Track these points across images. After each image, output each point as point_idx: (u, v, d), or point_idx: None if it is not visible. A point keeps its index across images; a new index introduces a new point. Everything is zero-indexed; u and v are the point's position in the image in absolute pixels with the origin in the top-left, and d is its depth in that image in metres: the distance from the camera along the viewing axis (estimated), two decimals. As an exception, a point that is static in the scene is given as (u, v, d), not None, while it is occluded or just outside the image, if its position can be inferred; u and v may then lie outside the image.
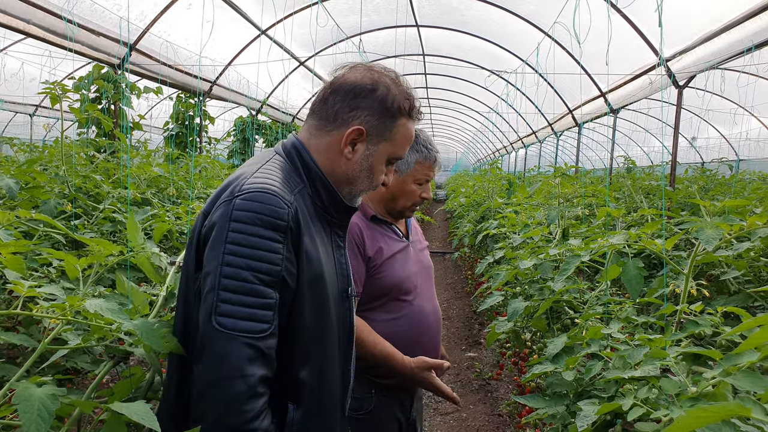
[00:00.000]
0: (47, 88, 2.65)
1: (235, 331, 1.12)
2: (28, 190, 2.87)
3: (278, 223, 1.18)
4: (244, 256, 1.15)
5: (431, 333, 2.18)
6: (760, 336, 1.03)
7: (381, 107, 1.35)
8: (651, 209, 2.39)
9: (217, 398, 1.11)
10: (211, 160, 6.66)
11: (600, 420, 1.43)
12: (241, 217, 1.17)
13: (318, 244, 1.31)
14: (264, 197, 1.19)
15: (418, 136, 2.11)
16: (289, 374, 1.26)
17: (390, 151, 1.40)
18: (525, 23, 8.16)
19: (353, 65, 1.42)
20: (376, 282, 2.06)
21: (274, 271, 1.17)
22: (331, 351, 1.33)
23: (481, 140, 24.68)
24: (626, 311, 1.90)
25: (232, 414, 1.11)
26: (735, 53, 4.91)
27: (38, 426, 0.99)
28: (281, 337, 1.21)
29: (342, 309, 1.39)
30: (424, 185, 2.14)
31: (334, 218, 1.40)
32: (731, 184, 6.11)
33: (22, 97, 11.42)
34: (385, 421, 2.13)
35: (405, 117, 1.39)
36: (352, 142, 1.35)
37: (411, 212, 2.21)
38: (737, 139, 12.03)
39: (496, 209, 5.52)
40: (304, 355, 1.27)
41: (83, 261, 1.39)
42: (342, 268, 1.42)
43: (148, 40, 6.59)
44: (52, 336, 1.20)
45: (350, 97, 1.34)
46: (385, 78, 1.38)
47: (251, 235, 1.16)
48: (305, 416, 1.28)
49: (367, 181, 1.41)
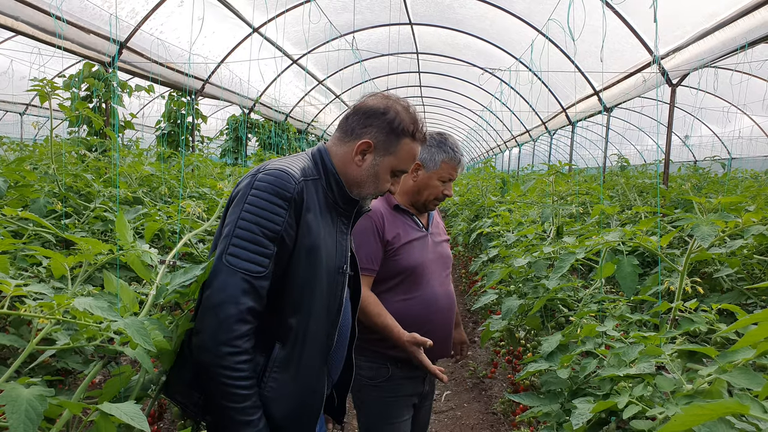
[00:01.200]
0: (36, 85, 2.61)
1: (237, 267, 1.45)
2: (17, 188, 2.84)
3: (285, 194, 1.52)
4: (256, 214, 1.49)
5: (442, 314, 2.40)
6: (756, 333, 1.02)
7: (389, 127, 1.67)
8: (645, 207, 2.39)
9: (214, 317, 1.43)
10: (203, 159, 6.62)
11: (595, 418, 1.43)
12: (259, 186, 1.52)
13: (322, 224, 1.62)
14: (279, 174, 1.54)
15: (447, 139, 2.42)
16: (281, 318, 1.57)
17: (393, 164, 1.71)
18: (518, 21, 8.16)
19: (374, 94, 1.77)
20: (393, 263, 2.32)
21: (276, 230, 1.50)
22: (318, 310, 1.61)
23: (475, 139, 24.71)
24: (621, 309, 1.89)
25: (223, 330, 1.42)
26: (728, 51, 4.92)
27: (26, 427, 0.97)
28: (277, 285, 1.54)
29: (335, 281, 1.66)
30: (447, 183, 2.42)
31: (341, 207, 1.70)
32: (724, 182, 6.13)
33: (11, 96, 11.34)
34: (402, 390, 2.36)
35: (409, 137, 1.70)
36: (362, 152, 1.68)
37: (433, 206, 2.46)
38: (730, 137, 12.09)
39: (489, 208, 5.52)
40: (294, 305, 1.57)
41: (71, 259, 1.37)
42: (342, 248, 1.70)
43: (139, 37, 6.54)
44: (40, 336, 1.17)
45: (365, 117, 1.69)
46: (397, 105, 1.71)
47: (264, 200, 1.50)
48: (288, 356, 1.57)
49: (373, 186, 1.71)
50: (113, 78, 6.03)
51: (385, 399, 2.34)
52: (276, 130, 11.42)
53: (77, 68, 6.56)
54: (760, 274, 2.33)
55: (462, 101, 16.54)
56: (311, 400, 1.64)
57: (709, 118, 11.44)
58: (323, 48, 9.75)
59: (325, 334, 1.65)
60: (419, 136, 1.73)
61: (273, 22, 8.22)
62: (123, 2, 6.14)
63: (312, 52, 9.87)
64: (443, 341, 2.41)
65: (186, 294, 1.53)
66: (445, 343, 2.44)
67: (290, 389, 1.57)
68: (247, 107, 10.27)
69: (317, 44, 9.68)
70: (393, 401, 2.35)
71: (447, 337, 2.45)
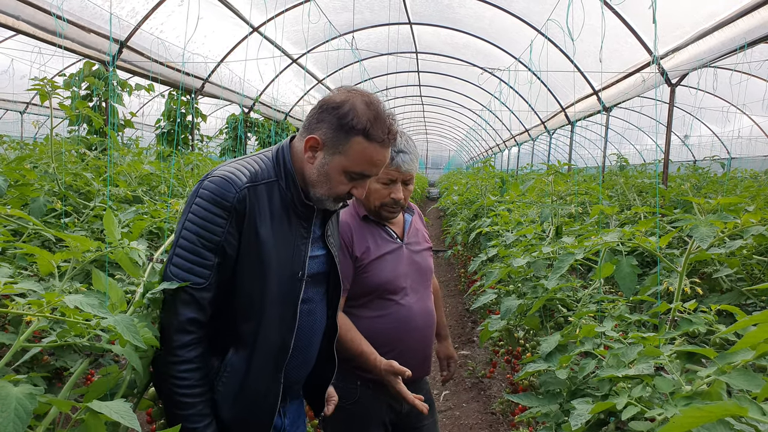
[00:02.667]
0: (36, 84, 2.61)
1: (178, 278, 1.46)
2: (17, 187, 2.84)
3: (225, 204, 1.49)
4: (197, 224, 1.48)
5: (418, 333, 2.23)
6: (755, 335, 1.02)
7: (338, 123, 1.54)
8: (644, 207, 2.39)
9: (160, 326, 1.47)
10: (202, 158, 6.61)
11: (594, 419, 1.43)
12: (202, 194, 1.50)
13: (274, 230, 1.57)
14: (220, 182, 1.50)
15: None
16: (232, 324, 1.57)
17: (344, 165, 1.56)
18: (518, 21, 8.16)
19: (342, 87, 1.64)
20: (363, 280, 2.14)
21: (215, 240, 1.49)
22: (269, 317, 1.57)
23: (474, 138, 24.70)
24: (620, 309, 1.89)
25: (165, 339, 1.45)
26: (728, 51, 4.92)
27: (15, 425, 0.97)
28: (225, 292, 1.53)
29: (290, 288, 1.61)
30: (392, 186, 2.13)
31: (300, 210, 1.63)
32: (723, 182, 6.13)
33: (12, 95, 11.33)
34: (372, 413, 2.19)
35: (361, 136, 1.53)
36: (311, 149, 1.58)
37: (388, 212, 2.20)
38: (729, 137, 12.10)
39: (489, 207, 5.52)
40: (243, 313, 1.56)
41: (58, 256, 1.38)
42: (299, 254, 1.63)
43: (139, 36, 6.53)
44: (27, 333, 1.18)
45: (321, 111, 1.58)
46: (356, 99, 1.56)
47: (204, 209, 1.49)
48: (239, 361, 1.57)
49: (326, 187, 1.60)
50: (113, 77, 6.02)
51: (353, 421, 2.19)
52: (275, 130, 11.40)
53: (77, 67, 6.55)
54: (760, 275, 2.34)
55: (461, 101, 16.54)
56: (262, 404, 1.62)
57: (709, 117, 11.44)
58: (323, 47, 9.75)
59: (279, 341, 1.61)
60: (376, 136, 1.54)
61: (272, 21, 8.21)
62: (123, 1, 6.14)
63: (311, 52, 9.86)
64: (420, 362, 2.24)
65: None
66: (422, 364, 2.26)
67: (239, 393, 1.58)
68: (247, 106, 10.26)
69: (317, 44, 9.67)
70: (361, 423, 2.19)
71: (424, 358, 2.27)
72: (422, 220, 2.54)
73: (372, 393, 2.16)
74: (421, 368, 2.28)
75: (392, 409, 2.23)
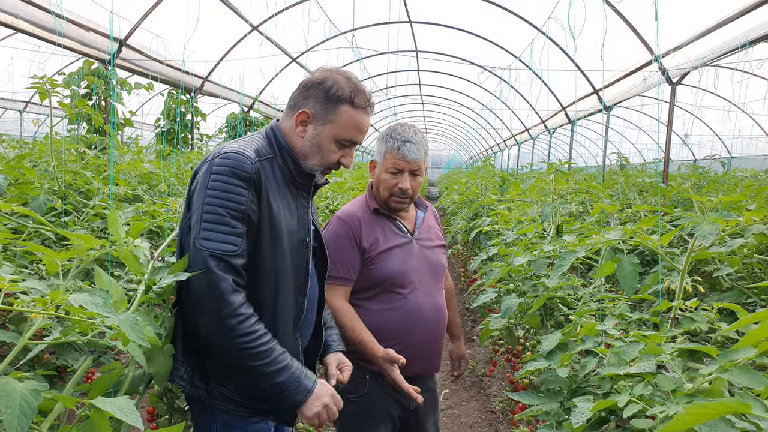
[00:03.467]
0: (36, 82, 2.61)
1: (213, 249, 1.51)
2: (17, 186, 2.83)
3: (244, 175, 1.57)
4: (219, 197, 1.54)
5: (426, 328, 2.23)
6: (757, 332, 1.02)
7: (325, 95, 1.69)
8: (645, 205, 2.39)
9: (211, 298, 1.49)
10: (202, 157, 6.60)
11: (595, 417, 1.42)
12: (218, 170, 1.57)
13: (281, 202, 1.67)
14: (235, 156, 1.59)
15: (396, 128, 2.25)
16: (255, 292, 1.63)
17: (335, 133, 1.71)
18: (518, 19, 8.15)
19: (319, 68, 1.78)
20: (371, 272, 2.18)
21: (241, 209, 1.56)
22: (285, 280, 1.68)
23: (474, 137, 24.69)
24: (621, 308, 1.89)
25: (224, 305, 1.49)
26: (729, 50, 4.92)
27: (20, 421, 0.97)
28: (249, 261, 1.60)
29: (300, 254, 1.73)
30: (398, 175, 2.21)
31: (299, 182, 1.75)
32: (724, 181, 6.12)
33: (11, 93, 11.32)
34: (379, 407, 2.21)
35: (348, 104, 1.70)
36: (302, 123, 1.71)
37: (396, 203, 2.26)
38: (730, 136, 12.09)
39: (489, 206, 5.51)
40: (264, 279, 1.64)
41: (62, 255, 1.37)
42: (304, 222, 1.75)
43: (139, 35, 6.53)
44: (32, 331, 1.18)
45: (305, 89, 1.73)
46: (336, 75, 1.72)
47: (224, 182, 1.55)
48: (266, 325, 1.61)
49: (318, 157, 1.73)
50: (113, 76, 6.01)
51: (361, 415, 2.21)
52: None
53: (77, 66, 6.54)
54: (761, 273, 2.33)
55: (462, 99, 16.53)
56: None
57: (709, 116, 11.44)
58: (323, 46, 9.73)
59: (295, 303, 1.73)
60: (360, 103, 1.72)
61: (272, 20, 8.20)
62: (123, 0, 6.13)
63: (311, 50, 9.85)
64: (427, 357, 2.26)
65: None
66: (429, 359, 2.27)
67: None
68: (247, 105, 10.25)
69: (317, 42, 9.66)
70: (369, 418, 2.21)
71: (432, 353, 2.28)
72: (437, 218, 2.57)
73: (380, 387, 2.18)
74: (428, 363, 2.29)
75: (400, 404, 2.24)
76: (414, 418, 2.31)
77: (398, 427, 2.31)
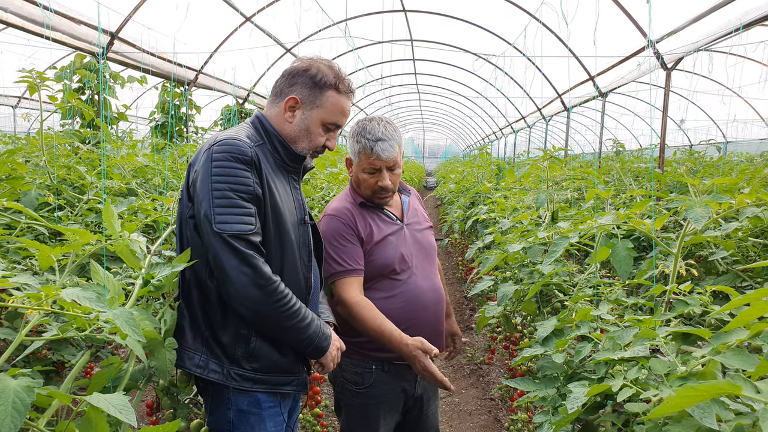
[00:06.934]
0: (24, 76, 2.58)
1: (231, 231, 1.56)
2: (8, 181, 2.81)
3: (245, 158, 1.63)
4: (226, 182, 1.59)
5: (428, 310, 2.26)
6: (748, 314, 1.01)
7: (311, 82, 1.78)
8: (640, 190, 2.38)
9: (242, 274, 1.56)
10: (197, 149, 6.57)
11: (590, 401, 1.42)
12: (218, 157, 1.61)
13: (278, 185, 1.75)
14: (232, 142, 1.64)
15: (365, 127, 2.20)
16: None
17: (323, 117, 1.81)
18: (512, 6, 8.11)
19: (301, 57, 1.87)
20: (369, 263, 2.20)
21: (249, 191, 1.62)
22: (290, 258, 1.76)
23: (471, 126, 24.63)
24: (616, 293, 1.89)
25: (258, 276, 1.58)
26: (723, 34, 4.90)
27: (13, 418, 0.96)
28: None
29: (300, 232, 1.82)
30: (377, 174, 2.22)
31: (290, 166, 1.84)
32: (719, 165, 6.12)
33: (2, 89, 11.23)
34: (387, 397, 2.22)
35: (333, 90, 1.80)
36: (290, 108, 1.80)
37: (380, 199, 2.28)
38: (725, 120, 12.08)
39: (485, 194, 5.50)
40: (272, 257, 1.70)
41: (57, 250, 1.35)
42: (299, 202, 1.85)
43: (131, 28, 6.47)
44: (28, 327, 1.17)
45: (290, 77, 1.81)
46: (319, 63, 1.82)
47: (228, 167, 1.60)
48: None
49: (307, 141, 1.82)
50: (105, 69, 5.97)
51: (367, 406, 2.21)
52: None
53: (69, 60, 6.49)
54: (755, 257, 2.33)
55: (457, 88, 16.48)
56: None
57: (705, 102, 11.42)
58: (316, 36, 9.68)
59: (303, 280, 1.81)
60: (343, 89, 1.83)
61: (265, 10, 8.15)
62: (113, -8, 6.08)
63: (305, 41, 9.79)
64: (433, 339, 2.22)
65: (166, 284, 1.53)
66: (434, 340, 2.24)
67: None
68: (241, 97, 10.20)
69: (310, 33, 9.60)
70: (375, 408, 2.22)
71: (437, 334, 2.29)
72: (420, 200, 2.58)
73: (387, 376, 2.20)
74: (434, 345, 2.25)
75: (405, 392, 2.26)
76: (417, 405, 2.34)
77: (402, 415, 2.32)
